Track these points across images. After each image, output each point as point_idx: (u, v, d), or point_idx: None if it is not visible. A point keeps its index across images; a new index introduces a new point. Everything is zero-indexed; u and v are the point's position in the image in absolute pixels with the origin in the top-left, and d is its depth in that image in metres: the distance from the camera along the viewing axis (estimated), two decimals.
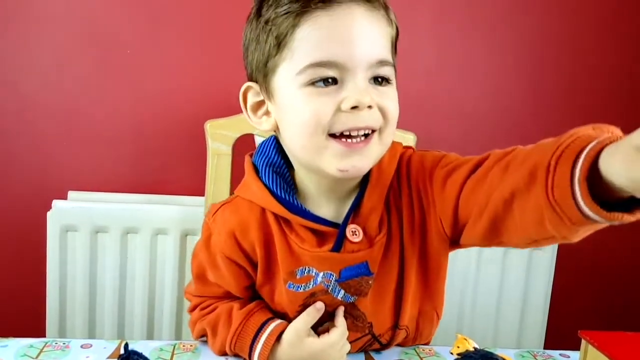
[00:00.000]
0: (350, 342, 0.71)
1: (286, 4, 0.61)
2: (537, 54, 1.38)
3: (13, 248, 1.33)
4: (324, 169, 0.63)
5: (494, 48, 1.37)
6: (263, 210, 0.69)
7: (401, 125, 1.07)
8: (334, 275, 0.68)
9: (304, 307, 0.69)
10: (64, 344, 0.71)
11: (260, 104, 0.68)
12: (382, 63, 0.62)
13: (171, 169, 1.33)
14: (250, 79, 0.68)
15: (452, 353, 0.63)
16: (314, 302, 0.69)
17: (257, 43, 0.64)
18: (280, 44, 0.61)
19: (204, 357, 0.70)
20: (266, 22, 0.62)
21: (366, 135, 0.62)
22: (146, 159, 1.32)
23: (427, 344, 0.80)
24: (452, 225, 0.67)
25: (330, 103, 0.60)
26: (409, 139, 1.06)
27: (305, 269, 0.68)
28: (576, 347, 0.66)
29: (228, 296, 0.74)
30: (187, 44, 1.29)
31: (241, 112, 1.06)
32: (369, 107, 0.60)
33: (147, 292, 1.28)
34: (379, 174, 0.69)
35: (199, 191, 1.11)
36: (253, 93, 0.67)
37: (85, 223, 1.23)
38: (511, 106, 1.40)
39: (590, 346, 0.63)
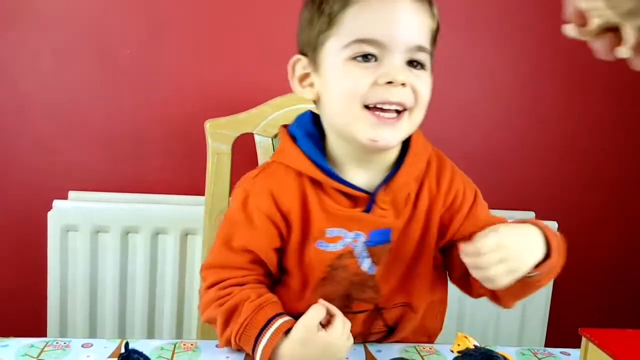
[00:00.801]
0: (356, 313, 0.75)
1: None
2: (535, 52, 1.37)
3: (14, 248, 1.33)
4: (356, 137, 0.69)
5: (492, 46, 1.37)
6: (299, 173, 0.74)
7: None
8: (364, 236, 0.74)
9: (331, 268, 0.74)
10: (64, 343, 0.71)
11: (306, 75, 0.76)
12: (419, 48, 0.68)
13: (171, 168, 1.33)
14: (300, 53, 0.76)
15: (452, 351, 0.63)
16: (341, 265, 0.74)
17: (310, 20, 0.74)
18: (331, 21, 0.70)
19: (204, 356, 0.70)
20: (322, 2, 0.71)
21: (398, 112, 0.69)
22: (146, 158, 1.32)
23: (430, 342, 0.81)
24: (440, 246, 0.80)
25: (368, 77, 0.67)
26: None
27: (336, 230, 0.73)
28: (577, 344, 0.66)
29: (250, 268, 0.75)
30: (186, 44, 1.29)
31: (241, 111, 1.07)
32: (403, 84, 0.67)
33: (148, 291, 1.28)
34: (413, 157, 0.76)
35: (199, 190, 1.11)
36: (301, 65, 0.76)
37: (86, 223, 1.23)
38: (510, 104, 1.40)
39: (590, 344, 0.63)
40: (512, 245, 0.64)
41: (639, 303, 1.52)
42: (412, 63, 0.69)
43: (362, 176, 0.75)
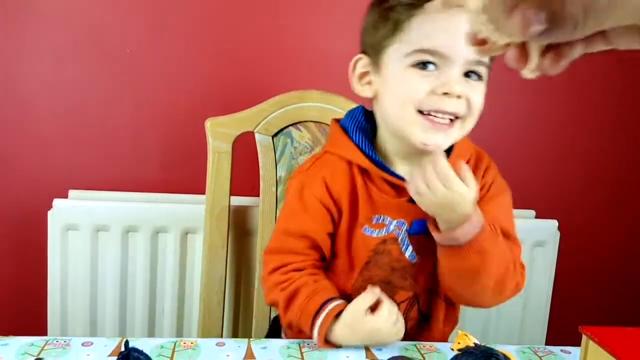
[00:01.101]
0: (397, 303, 0.78)
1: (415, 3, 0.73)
2: None
3: (14, 247, 1.33)
4: (410, 138, 0.75)
5: None
6: (349, 163, 0.80)
7: None
8: (406, 224, 0.79)
9: (374, 253, 0.80)
10: (64, 342, 0.71)
11: (365, 74, 0.80)
12: (478, 62, 0.73)
13: (171, 167, 1.33)
14: (362, 52, 0.81)
15: (452, 349, 0.63)
16: (385, 250, 0.80)
17: (375, 24, 0.77)
18: (396, 28, 0.74)
19: (204, 354, 0.70)
20: (388, 9, 0.75)
21: (451, 120, 0.74)
22: (147, 157, 1.33)
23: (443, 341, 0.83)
24: None
25: (426, 85, 0.72)
26: None
27: (381, 217, 0.79)
28: (578, 343, 0.66)
29: (307, 253, 0.81)
30: (187, 42, 1.29)
31: (241, 109, 1.07)
32: (458, 96, 0.72)
33: (148, 290, 1.28)
34: (456, 155, 0.80)
35: (200, 189, 1.11)
36: (362, 64, 0.80)
37: (86, 222, 1.23)
38: (510, 103, 1.40)
39: (591, 342, 0.63)
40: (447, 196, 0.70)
41: (639, 301, 1.52)
42: (469, 74, 0.74)
43: (408, 169, 0.80)
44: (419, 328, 0.86)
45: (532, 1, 0.30)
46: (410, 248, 0.80)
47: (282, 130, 1.06)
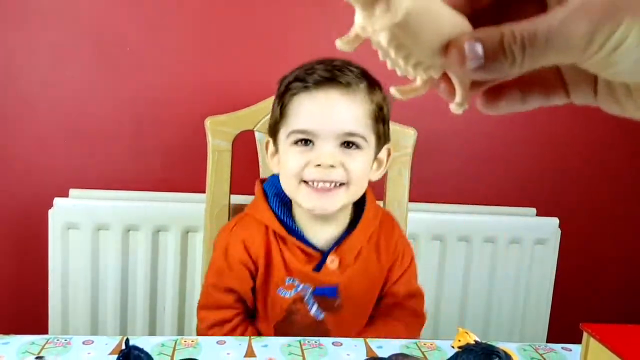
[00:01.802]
0: None
1: (291, 84, 0.84)
2: None
3: (15, 246, 1.33)
4: (301, 205, 0.85)
5: None
6: (267, 228, 0.89)
7: (401, 120, 1.08)
8: (311, 288, 0.88)
9: (288, 312, 0.89)
10: (65, 340, 0.71)
11: (274, 153, 0.90)
12: (350, 134, 0.82)
13: (172, 165, 1.33)
14: (269, 136, 0.91)
15: (453, 347, 0.63)
16: (296, 309, 0.88)
17: (272, 110, 0.89)
18: (282, 112, 0.85)
19: (205, 352, 0.70)
20: (279, 95, 0.86)
21: (336, 185, 0.83)
22: (147, 156, 1.33)
23: None
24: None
25: (303, 159, 0.82)
26: (409, 134, 1.05)
27: (292, 279, 0.88)
28: (579, 341, 0.66)
29: (236, 306, 0.90)
30: (187, 41, 1.29)
31: (241, 108, 1.07)
32: (332, 166, 0.81)
33: (149, 288, 1.28)
34: (365, 223, 0.90)
35: (200, 188, 1.10)
36: (270, 145, 0.91)
37: (87, 220, 1.23)
38: None
39: (592, 339, 0.63)
40: None
41: None
42: (348, 144, 0.82)
43: (323, 231, 0.89)
44: None
45: (468, 35, 0.29)
46: (315, 306, 0.88)
47: None
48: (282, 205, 0.90)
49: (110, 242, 1.25)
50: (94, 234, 1.25)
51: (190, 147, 1.30)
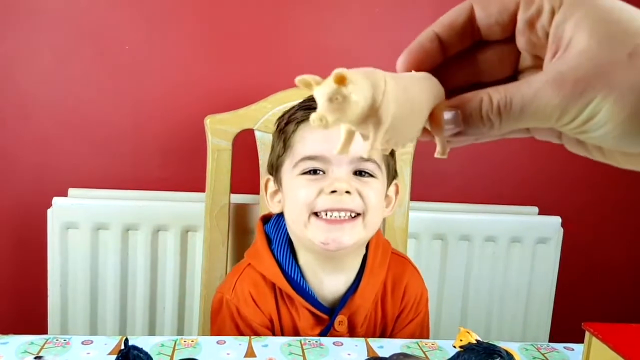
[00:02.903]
0: None
1: (293, 115, 0.80)
2: None
3: (14, 245, 1.33)
4: (312, 241, 0.77)
5: None
6: (273, 285, 0.82)
7: None
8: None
9: None
10: (64, 340, 0.71)
11: (275, 192, 0.85)
12: (363, 159, 0.76)
13: (171, 165, 1.33)
14: (270, 173, 0.86)
15: (455, 346, 0.62)
16: None
17: (273, 145, 0.84)
18: (285, 145, 0.80)
19: (205, 352, 0.70)
20: (279, 130, 0.82)
21: (352, 217, 0.76)
22: (146, 155, 1.32)
23: None
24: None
25: (315, 187, 0.75)
26: None
27: None
28: (582, 340, 0.65)
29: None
30: (186, 40, 1.29)
31: (241, 107, 1.06)
32: (347, 192, 0.74)
33: (149, 288, 1.28)
34: (370, 275, 0.82)
35: (200, 187, 1.10)
36: (271, 185, 0.85)
37: (86, 220, 1.23)
38: None
39: (594, 338, 0.62)
40: None
41: None
42: (361, 172, 0.77)
43: (332, 281, 0.82)
44: None
45: (446, 104, 0.30)
46: None
47: None
48: (286, 252, 0.82)
49: (109, 242, 1.25)
50: (93, 234, 1.24)
51: (190, 146, 1.30)
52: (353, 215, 0.75)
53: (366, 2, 1.30)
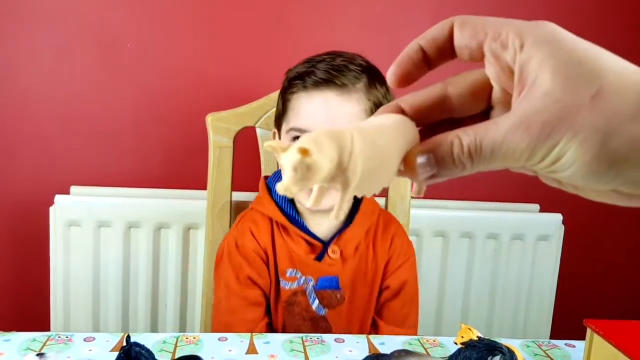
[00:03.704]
0: None
1: (292, 82, 0.88)
2: None
3: (16, 243, 1.33)
4: (300, 201, 0.90)
5: None
6: (271, 220, 0.91)
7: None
8: (313, 280, 0.90)
9: (287, 303, 0.90)
10: (66, 337, 0.71)
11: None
12: None
13: (173, 162, 1.33)
14: (275, 127, 0.94)
15: (456, 343, 0.62)
16: (295, 301, 0.90)
17: (277, 104, 0.93)
18: (284, 107, 0.89)
19: (206, 349, 0.70)
20: (282, 91, 0.91)
21: None
22: (148, 153, 1.32)
23: None
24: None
25: None
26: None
27: (294, 271, 0.90)
28: (583, 337, 0.66)
29: (261, 301, 0.91)
30: (187, 37, 1.29)
31: (243, 104, 1.06)
32: None
33: (151, 285, 1.28)
34: (362, 216, 0.92)
35: (201, 185, 1.10)
36: (276, 136, 0.93)
37: (88, 218, 1.23)
38: None
39: (595, 335, 0.62)
40: None
41: None
42: None
43: (324, 223, 0.92)
44: None
45: (418, 149, 0.31)
46: (316, 301, 0.90)
47: None
48: (285, 199, 0.92)
49: (111, 239, 1.25)
50: (95, 231, 1.24)
51: (192, 144, 1.30)
52: None
53: (367, 0, 1.30)
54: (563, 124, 0.27)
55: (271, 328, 0.93)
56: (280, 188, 0.26)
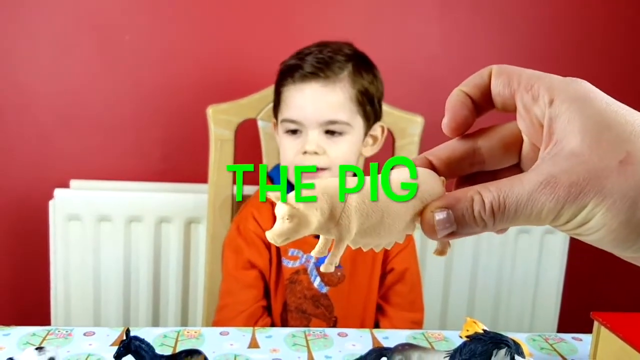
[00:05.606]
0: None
1: (283, 75, 0.93)
2: (543, 37, 1.35)
3: (16, 237, 1.33)
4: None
5: (499, 31, 1.35)
6: (272, 204, 0.88)
7: (409, 107, 1.06)
8: (313, 258, 0.89)
9: (289, 282, 0.94)
10: (66, 332, 0.70)
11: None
12: (331, 122, 0.90)
13: (174, 155, 1.32)
14: (274, 116, 0.98)
15: (461, 336, 0.61)
16: (297, 279, 0.94)
17: (273, 95, 0.97)
18: (277, 99, 0.95)
19: (208, 343, 0.69)
20: (276, 83, 0.96)
21: (321, 170, 0.91)
22: (148, 146, 1.31)
23: None
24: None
25: (294, 147, 0.92)
26: (416, 121, 1.04)
27: (295, 250, 0.94)
28: (590, 330, 0.65)
29: (258, 284, 0.95)
30: (187, 29, 1.27)
31: (243, 96, 1.05)
32: (315, 152, 0.89)
33: (152, 280, 1.28)
34: None
35: (202, 178, 1.09)
36: (276, 126, 0.98)
37: (88, 212, 1.22)
38: None
39: (602, 327, 0.62)
40: None
41: None
42: (331, 132, 0.90)
43: None
44: None
45: (436, 205, 0.30)
46: (318, 279, 0.94)
47: None
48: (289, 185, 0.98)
49: (112, 234, 1.24)
50: (95, 225, 1.23)
51: (193, 137, 1.29)
52: (321, 169, 0.91)
53: None
54: (591, 187, 0.26)
55: (269, 311, 0.96)
56: (268, 236, 0.27)
